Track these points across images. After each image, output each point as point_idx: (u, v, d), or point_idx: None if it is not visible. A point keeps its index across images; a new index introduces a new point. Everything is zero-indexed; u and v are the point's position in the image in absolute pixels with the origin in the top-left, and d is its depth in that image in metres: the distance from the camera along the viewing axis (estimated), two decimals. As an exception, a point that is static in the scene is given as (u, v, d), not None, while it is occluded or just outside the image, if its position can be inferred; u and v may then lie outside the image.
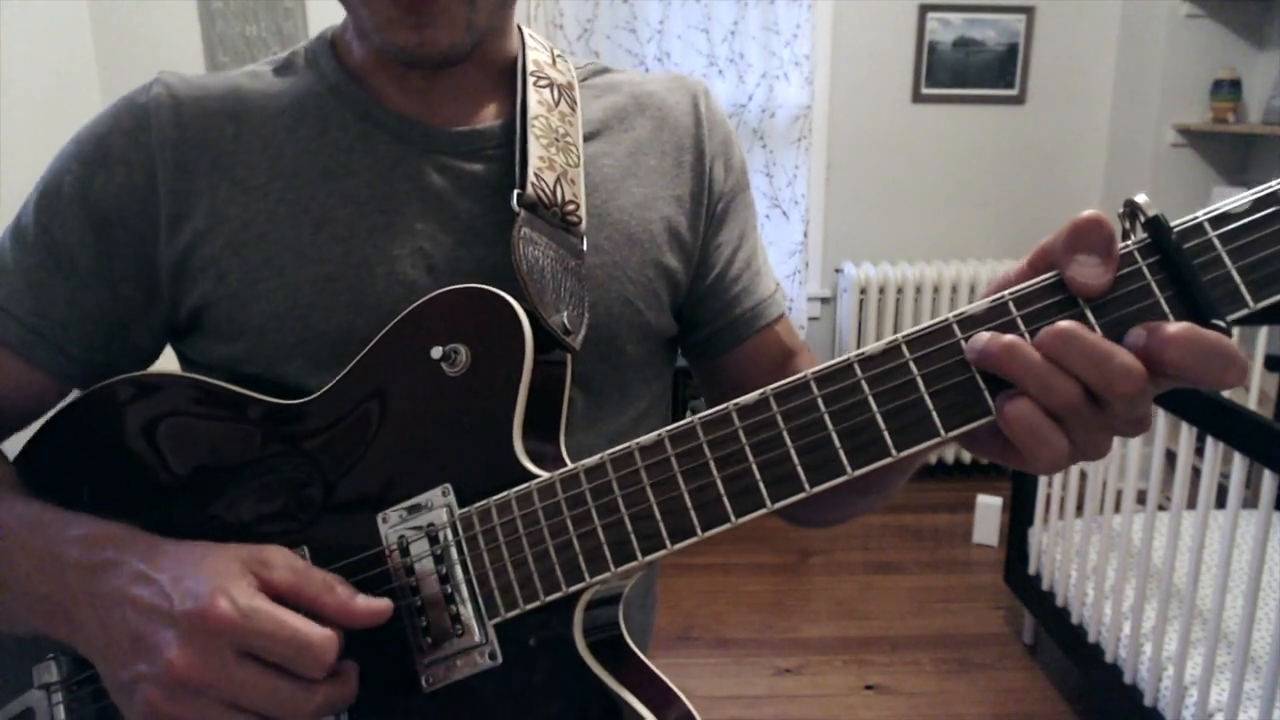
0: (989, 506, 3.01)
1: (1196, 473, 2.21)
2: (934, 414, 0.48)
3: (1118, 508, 2.13)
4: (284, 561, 0.55)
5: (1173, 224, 0.45)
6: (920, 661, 2.47)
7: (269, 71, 0.71)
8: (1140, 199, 0.45)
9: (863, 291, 3.25)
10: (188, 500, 0.64)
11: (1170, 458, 2.48)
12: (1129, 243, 0.46)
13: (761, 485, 0.51)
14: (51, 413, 0.68)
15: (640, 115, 0.75)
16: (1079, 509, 2.25)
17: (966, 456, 3.39)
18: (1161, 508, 2.41)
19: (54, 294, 0.66)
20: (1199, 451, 1.90)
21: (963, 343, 0.47)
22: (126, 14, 2.67)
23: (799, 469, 0.50)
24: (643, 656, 0.62)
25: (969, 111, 3.32)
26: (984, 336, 0.46)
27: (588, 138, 0.72)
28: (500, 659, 0.57)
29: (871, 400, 0.48)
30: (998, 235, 3.43)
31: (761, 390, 0.51)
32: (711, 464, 0.52)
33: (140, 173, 0.65)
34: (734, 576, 2.86)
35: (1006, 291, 0.47)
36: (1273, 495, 1.58)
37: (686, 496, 0.52)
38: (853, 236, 3.40)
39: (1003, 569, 2.53)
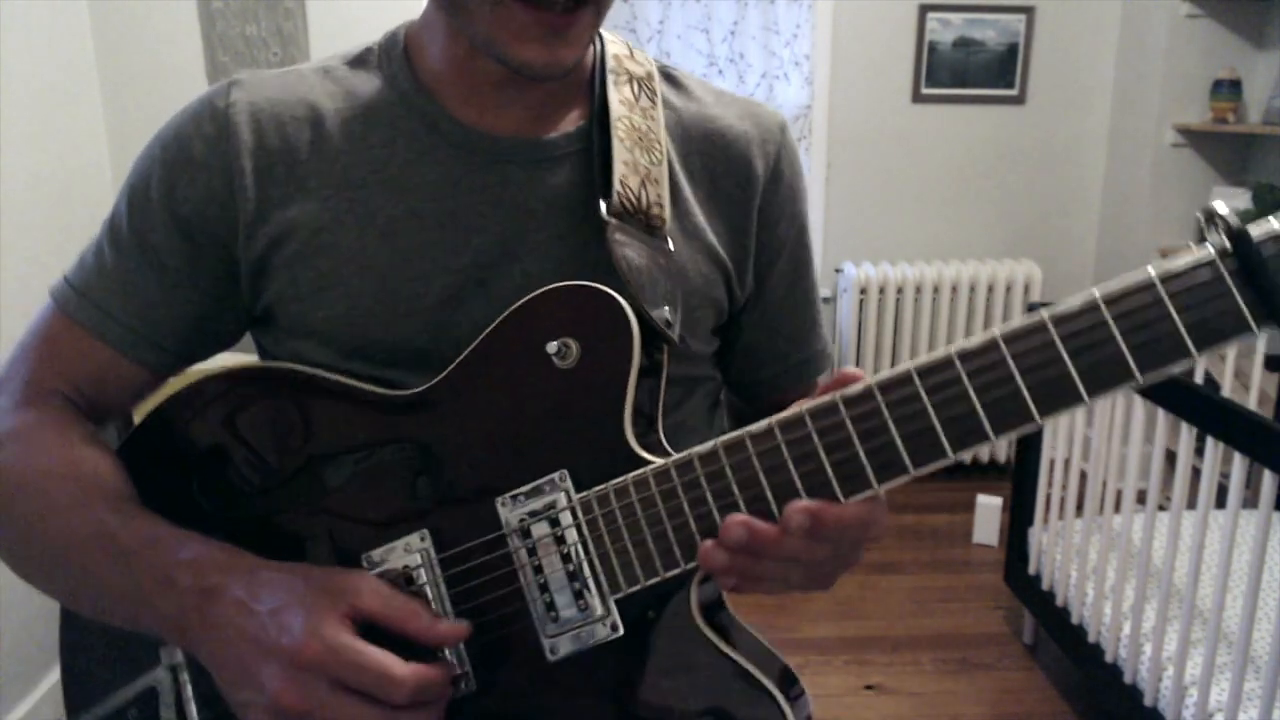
0: (989, 506, 3.01)
1: (1196, 473, 2.21)
2: (1031, 402, 0.52)
3: (1118, 508, 2.13)
4: (371, 588, 0.59)
5: (1251, 231, 0.48)
6: (920, 661, 2.47)
7: (343, 70, 0.71)
8: (1220, 207, 0.49)
9: (863, 291, 3.25)
10: (305, 488, 0.67)
11: (1170, 458, 2.48)
12: (1209, 247, 0.49)
13: (868, 468, 0.55)
14: (155, 404, 0.71)
15: (704, 145, 0.73)
16: (1079, 509, 2.25)
17: (966, 456, 3.39)
18: (1161, 508, 2.41)
19: (150, 294, 0.69)
20: (1199, 451, 1.90)
21: (1057, 339, 0.51)
22: (126, 14, 2.67)
23: (902, 453, 0.54)
24: (745, 624, 0.67)
25: (969, 111, 3.32)
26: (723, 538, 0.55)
27: None
28: (622, 630, 0.61)
29: (971, 390, 0.52)
30: (998, 235, 3.43)
31: (866, 381, 0.55)
32: (820, 449, 0.56)
33: (220, 179, 0.67)
34: (734, 576, 2.86)
35: (1097, 291, 0.51)
36: (1273, 495, 1.58)
37: (797, 479, 0.56)
38: (853, 236, 3.40)
39: (1003, 569, 2.53)
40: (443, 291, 0.67)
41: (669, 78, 0.75)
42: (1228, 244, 0.48)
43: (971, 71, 3.27)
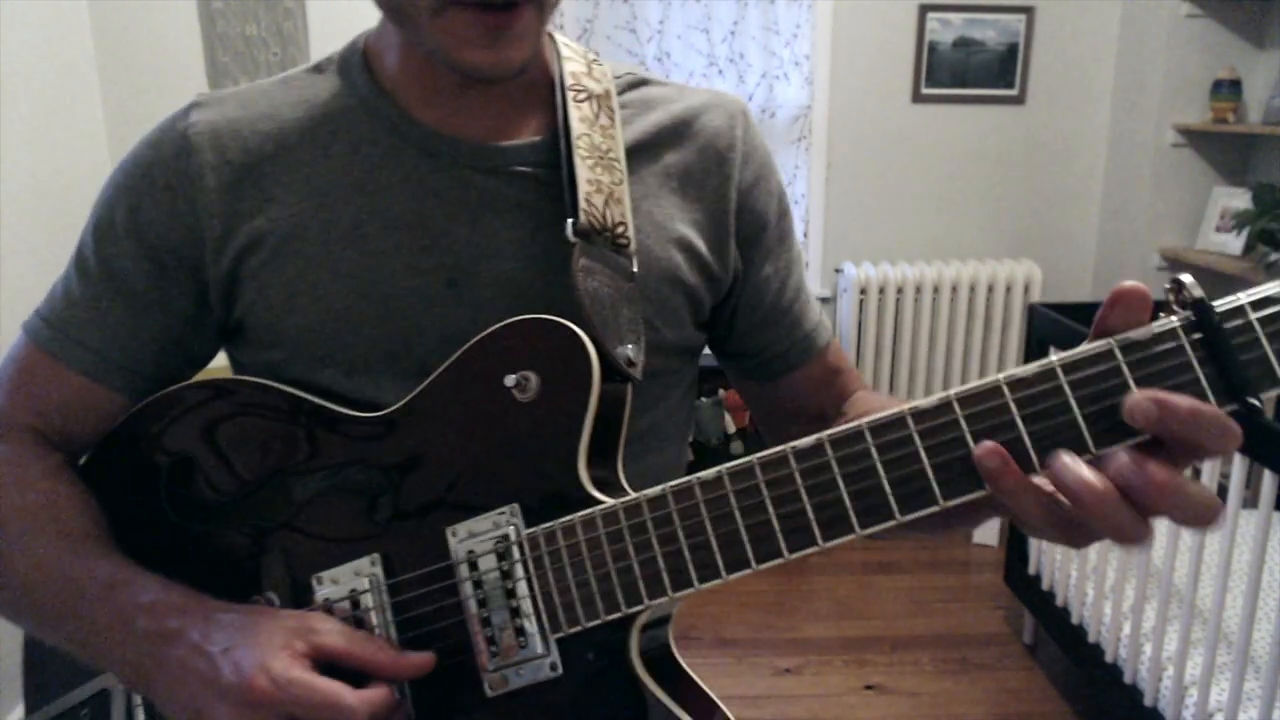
0: (989, 506, 3.00)
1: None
2: (935, 484, 0.51)
3: (1118, 508, 2.13)
4: (331, 626, 0.60)
5: (1216, 305, 0.46)
6: (920, 661, 2.47)
7: (303, 80, 0.72)
8: (1186, 279, 0.47)
9: (863, 291, 3.24)
10: (262, 506, 0.67)
11: (1170, 458, 2.48)
12: (1174, 319, 0.47)
13: (814, 525, 0.54)
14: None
15: (674, 139, 0.74)
16: (1079, 509, 2.24)
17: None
18: (1161, 508, 2.41)
19: (119, 320, 0.69)
20: (1199, 451, 1.90)
21: (1012, 403, 0.49)
22: (126, 14, 2.67)
23: (850, 512, 0.53)
24: (692, 674, 0.65)
25: (969, 111, 3.31)
26: (1064, 462, 0.47)
27: None
28: (561, 670, 0.60)
29: (922, 451, 0.51)
30: (998, 235, 3.43)
31: (817, 435, 0.53)
32: (768, 502, 0.55)
33: (184, 200, 0.67)
34: (734, 576, 2.86)
35: (1055, 357, 0.49)
36: (1273, 495, 1.58)
37: (743, 530, 0.55)
38: (853, 236, 3.40)
39: (1003, 569, 2.53)
40: (413, 293, 0.66)
41: (635, 83, 0.76)
42: (1191, 316, 0.47)
43: (971, 71, 3.27)
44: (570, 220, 0.65)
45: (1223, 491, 1.84)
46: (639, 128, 0.73)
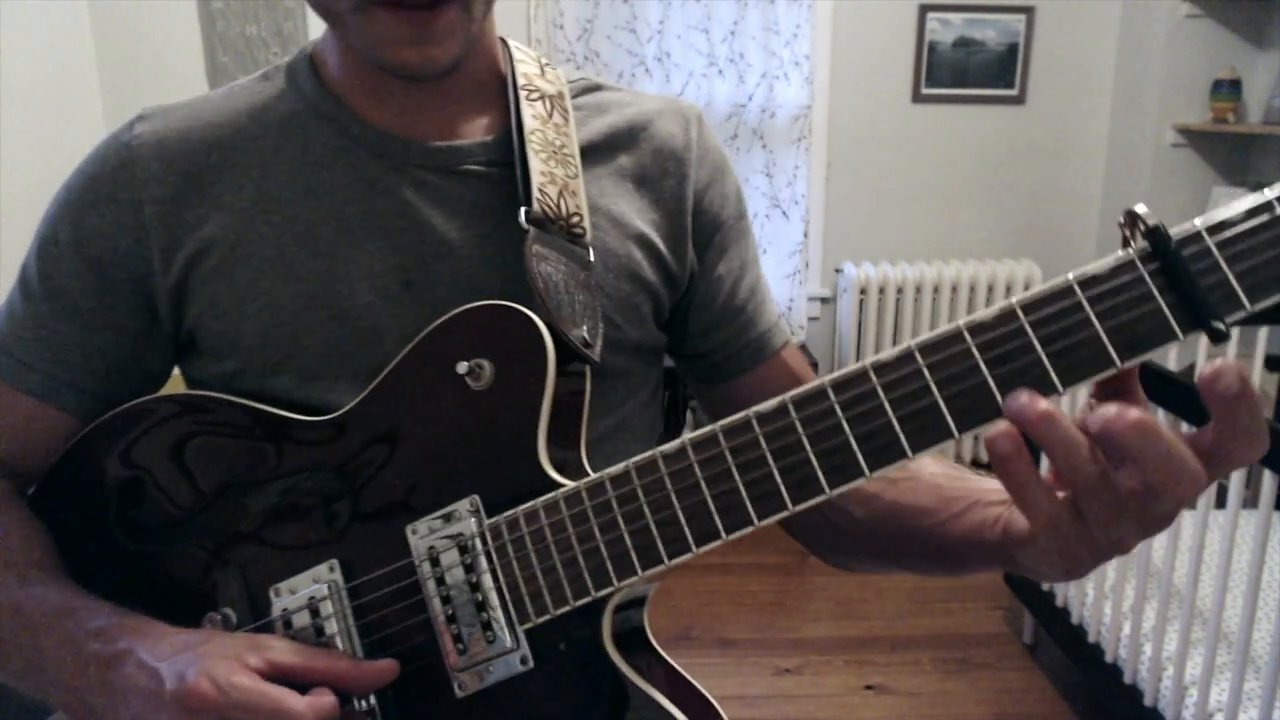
0: (989, 506, 3.00)
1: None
2: (947, 416, 0.49)
3: (1118, 508, 2.12)
4: (283, 644, 0.58)
5: (1171, 232, 0.46)
6: (920, 661, 2.47)
7: (250, 89, 0.71)
8: (1140, 209, 0.46)
9: (863, 291, 3.25)
10: (217, 520, 0.66)
11: (1170, 458, 2.48)
12: (1130, 250, 0.47)
13: (783, 488, 0.52)
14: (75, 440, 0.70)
15: (628, 141, 0.74)
16: (1079, 509, 2.24)
17: (966, 456, 3.40)
18: (1161, 508, 2.41)
19: (66, 339, 0.68)
20: (1199, 451, 1.90)
21: (974, 349, 0.48)
22: (126, 14, 2.67)
23: (819, 472, 0.51)
24: (668, 657, 0.64)
25: (969, 111, 3.31)
26: (1022, 399, 0.45)
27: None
28: (532, 663, 0.58)
29: (887, 405, 0.49)
30: (998, 235, 3.43)
31: (780, 397, 0.52)
32: (733, 469, 0.53)
33: (129, 211, 0.66)
34: (734, 576, 2.86)
35: (1015, 299, 0.48)
36: (1273, 495, 1.58)
37: (710, 501, 0.53)
38: (853, 236, 3.40)
39: (1003, 569, 2.53)
40: (368, 293, 0.66)
41: (589, 88, 0.76)
42: (1148, 246, 0.46)
43: (971, 71, 3.27)
44: (523, 208, 0.65)
45: (1223, 492, 1.84)
46: (593, 129, 0.73)
